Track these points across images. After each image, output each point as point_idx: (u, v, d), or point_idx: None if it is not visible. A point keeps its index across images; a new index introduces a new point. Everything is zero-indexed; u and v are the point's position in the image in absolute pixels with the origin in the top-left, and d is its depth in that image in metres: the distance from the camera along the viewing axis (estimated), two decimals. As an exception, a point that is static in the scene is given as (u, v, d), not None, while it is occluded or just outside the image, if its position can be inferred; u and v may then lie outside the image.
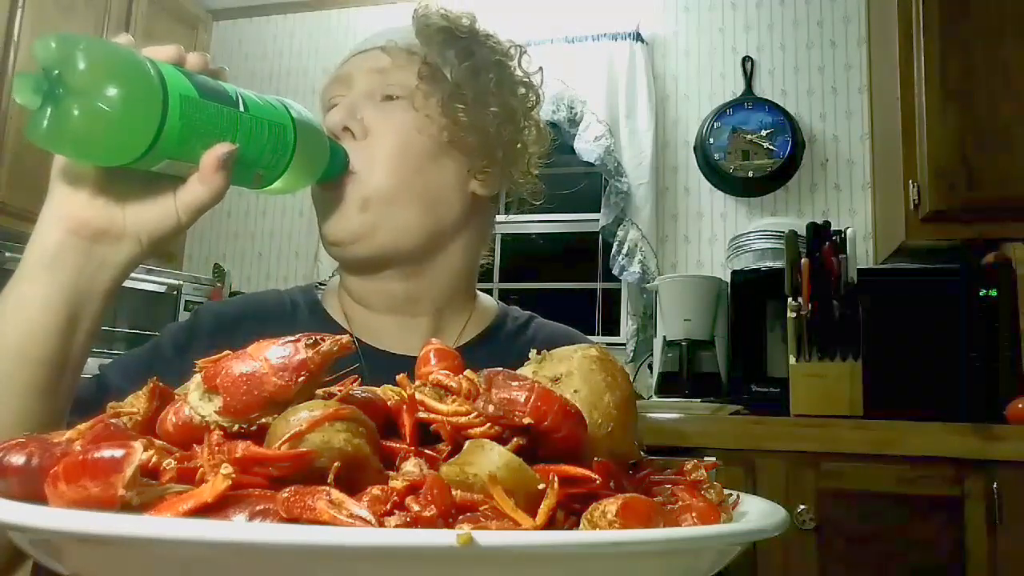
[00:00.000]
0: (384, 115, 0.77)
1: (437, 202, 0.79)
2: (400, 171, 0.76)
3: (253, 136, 0.59)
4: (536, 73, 0.85)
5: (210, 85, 0.57)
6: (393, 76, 0.78)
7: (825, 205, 2.63)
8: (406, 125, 0.77)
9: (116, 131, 0.51)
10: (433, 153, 0.78)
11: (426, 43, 0.80)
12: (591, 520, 0.34)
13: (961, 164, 2.00)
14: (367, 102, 0.78)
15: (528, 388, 0.39)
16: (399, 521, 0.31)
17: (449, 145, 0.78)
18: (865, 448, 1.65)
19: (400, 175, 0.76)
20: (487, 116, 0.79)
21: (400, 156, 0.76)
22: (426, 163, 0.78)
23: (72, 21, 2.59)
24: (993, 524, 1.57)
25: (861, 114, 2.65)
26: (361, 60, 0.81)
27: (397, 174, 0.76)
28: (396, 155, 0.76)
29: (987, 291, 1.87)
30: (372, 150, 0.76)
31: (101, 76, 0.50)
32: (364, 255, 0.78)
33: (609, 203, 2.69)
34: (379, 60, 0.80)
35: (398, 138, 0.76)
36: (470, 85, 0.79)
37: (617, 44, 2.79)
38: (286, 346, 0.40)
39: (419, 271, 0.80)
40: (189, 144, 0.55)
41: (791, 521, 1.26)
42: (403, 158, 0.76)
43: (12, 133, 2.37)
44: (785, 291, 1.89)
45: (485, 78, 0.80)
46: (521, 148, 0.84)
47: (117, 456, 0.33)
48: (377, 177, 0.75)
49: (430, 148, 0.78)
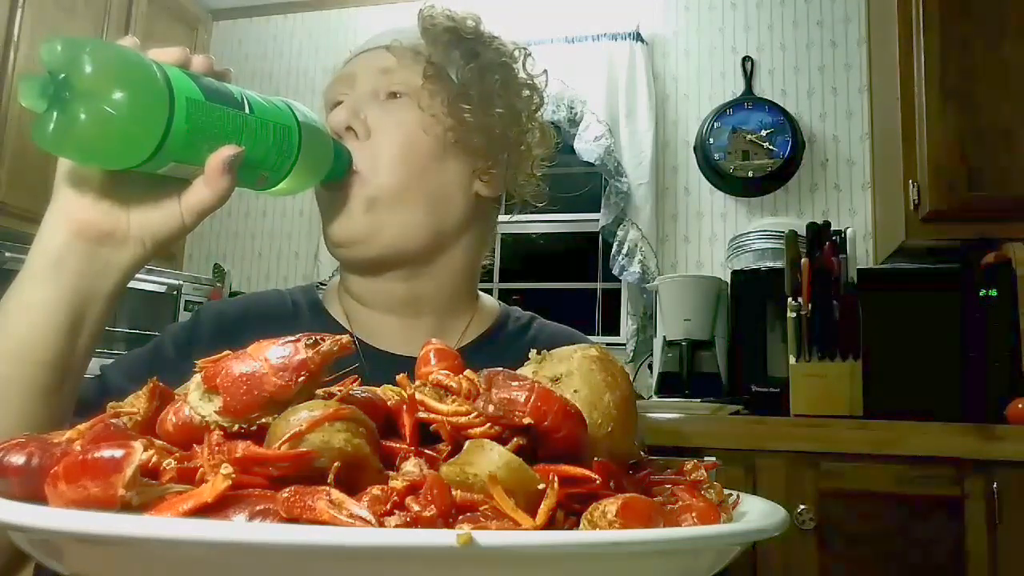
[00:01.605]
0: (388, 114, 0.77)
1: (441, 203, 0.79)
2: (405, 171, 0.76)
3: (258, 138, 0.59)
4: (540, 75, 0.85)
5: (215, 87, 0.57)
6: (398, 75, 0.78)
7: (825, 205, 2.63)
8: (411, 124, 0.76)
9: (122, 135, 0.51)
10: (438, 153, 0.78)
11: (431, 43, 0.79)
12: (591, 520, 0.34)
13: (961, 164, 2.00)
14: (371, 101, 0.78)
15: (528, 388, 0.39)
16: (399, 521, 0.31)
17: (454, 146, 0.78)
18: (865, 448, 1.65)
19: (405, 175, 0.76)
20: (492, 117, 0.79)
21: (405, 156, 0.76)
22: (431, 163, 0.77)
23: (72, 21, 2.59)
24: (993, 524, 1.57)
25: (861, 114, 2.66)
26: (365, 60, 0.81)
27: (402, 174, 0.75)
28: (401, 155, 0.76)
29: (987, 291, 1.87)
30: (376, 149, 0.75)
31: (107, 79, 0.50)
32: (369, 256, 0.77)
33: (609, 203, 2.69)
34: (384, 59, 0.79)
35: (403, 137, 0.76)
36: (476, 86, 0.78)
37: (617, 44, 2.79)
38: (286, 346, 0.40)
39: (422, 272, 0.80)
40: (195, 147, 0.55)
41: (791, 521, 1.26)
42: (408, 158, 0.76)
43: (12, 133, 2.37)
44: (785, 291, 1.89)
45: (491, 79, 0.80)
46: (525, 150, 0.84)
47: (117, 456, 0.33)
48: (382, 177, 0.75)
49: (435, 148, 0.77)
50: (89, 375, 0.67)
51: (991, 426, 1.62)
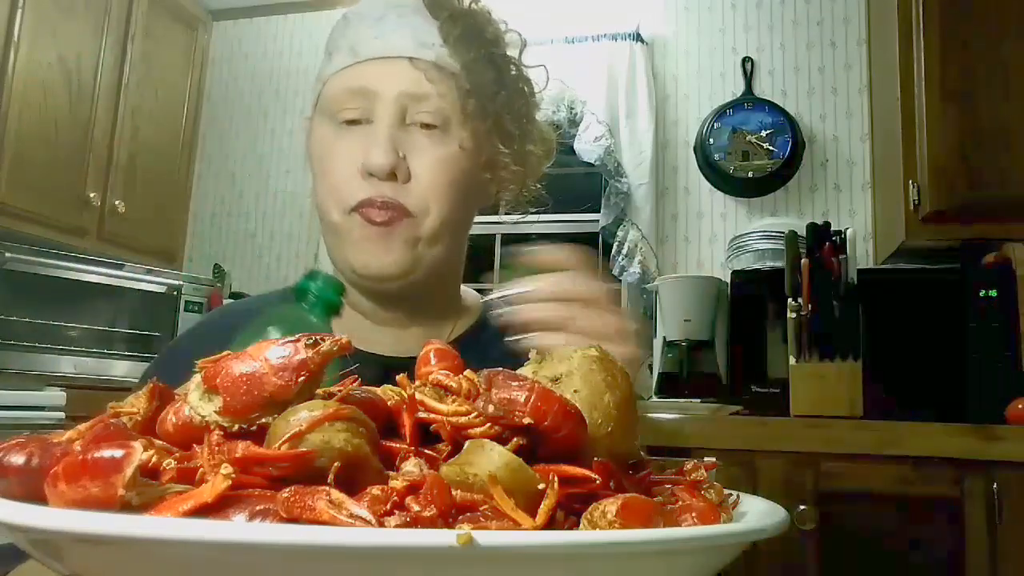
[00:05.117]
0: (427, 151, 0.75)
1: (467, 227, 0.82)
2: (449, 208, 0.76)
3: None
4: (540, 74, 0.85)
5: None
6: (431, 103, 0.75)
7: (825, 205, 2.63)
8: (451, 161, 0.75)
9: None
10: (474, 187, 0.79)
11: (454, 52, 0.76)
12: (591, 520, 0.34)
13: (961, 164, 1.99)
14: (403, 134, 0.74)
15: (528, 388, 0.39)
16: (399, 521, 0.31)
17: (488, 179, 0.80)
18: (865, 448, 1.65)
19: (448, 212, 0.76)
20: (524, 145, 0.80)
21: (450, 196, 0.75)
22: (469, 197, 0.79)
23: (72, 21, 2.59)
24: (993, 524, 1.57)
25: (861, 114, 2.65)
26: (387, 74, 0.75)
27: (446, 212, 0.75)
28: (447, 195, 0.75)
29: (987, 291, 1.87)
30: (422, 190, 0.74)
31: None
32: (401, 287, 0.77)
33: (609, 203, 2.69)
34: (409, 79, 0.75)
35: (445, 176, 0.75)
36: (507, 116, 0.78)
37: (617, 44, 2.79)
38: (286, 346, 0.40)
39: (424, 293, 0.81)
40: None
41: (791, 521, 1.26)
42: (452, 196, 0.76)
43: (12, 133, 2.37)
44: (785, 291, 1.89)
45: (518, 104, 0.80)
46: (537, 164, 0.85)
47: (117, 456, 0.33)
48: (432, 217, 0.75)
49: (473, 182, 0.78)
50: (90, 375, 0.66)
51: (991, 426, 1.62)
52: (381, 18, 0.78)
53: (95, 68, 2.69)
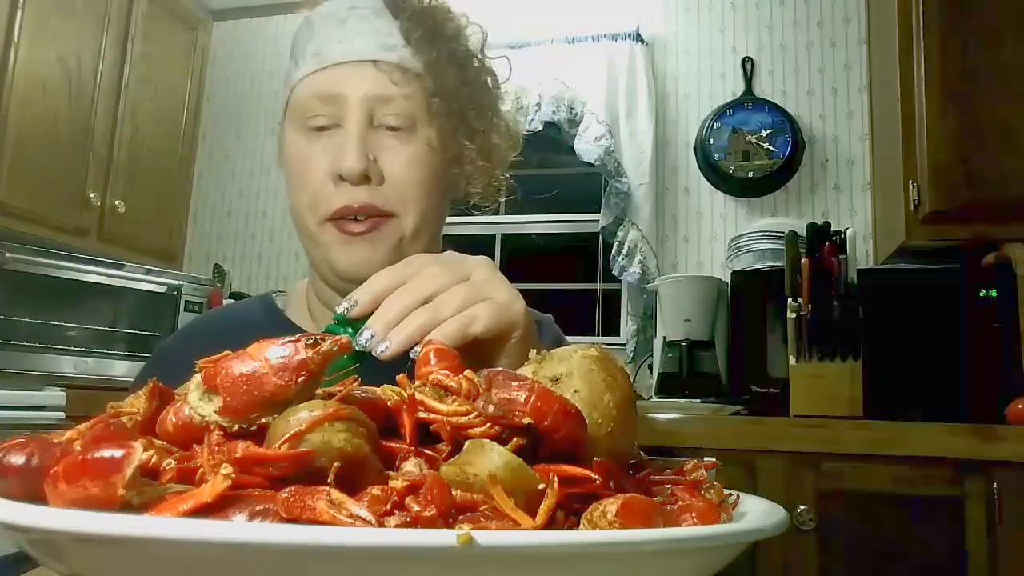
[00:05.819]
0: (397, 152, 0.76)
1: (441, 221, 0.83)
2: (426, 204, 0.78)
3: None
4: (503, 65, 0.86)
5: None
6: (396, 105, 0.76)
7: (825, 205, 2.63)
8: (421, 159, 0.77)
9: None
10: (446, 184, 0.81)
11: (417, 51, 0.77)
12: (591, 520, 0.34)
13: (961, 164, 2.00)
14: (371, 135, 0.75)
15: (528, 388, 0.39)
16: (399, 521, 0.31)
17: (457, 174, 0.82)
18: (865, 448, 1.65)
19: (426, 207, 0.78)
20: (490, 139, 0.82)
21: (426, 193, 0.77)
22: (443, 194, 0.81)
23: (72, 21, 2.59)
24: (993, 524, 1.57)
25: (861, 114, 2.65)
26: (353, 78, 0.76)
27: (424, 208, 0.77)
28: (423, 193, 0.77)
29: (987, 291, 1.87)
30: (399, 190, 0.76)
31: None
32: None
33: (609, 203, 2.69)
34: (374, 82, 0.75)
35: (417, 174, 0.77)
36: (471, 112, 0.80)
37: (617, 44, 2.79)
38: (286, 346, 0.40)
39: None
40: None
41: (791, 521, 1.26)
42: (427, 193, 0.78)
43: (12, 133, 2.37)
44: (785, 291, 1.89)
45: (482, 99, 0.82)
46: (503, 156, 0.86)
47: (117, 456, 0.33)
48: (411, 216, 0.76)
49: (443, 177, 0.80)
50: (89, 375, 0.66)
51: (991, 426, 1.62)
52: (343, 21, 0.79)
53: (95, 68, 2.69)
